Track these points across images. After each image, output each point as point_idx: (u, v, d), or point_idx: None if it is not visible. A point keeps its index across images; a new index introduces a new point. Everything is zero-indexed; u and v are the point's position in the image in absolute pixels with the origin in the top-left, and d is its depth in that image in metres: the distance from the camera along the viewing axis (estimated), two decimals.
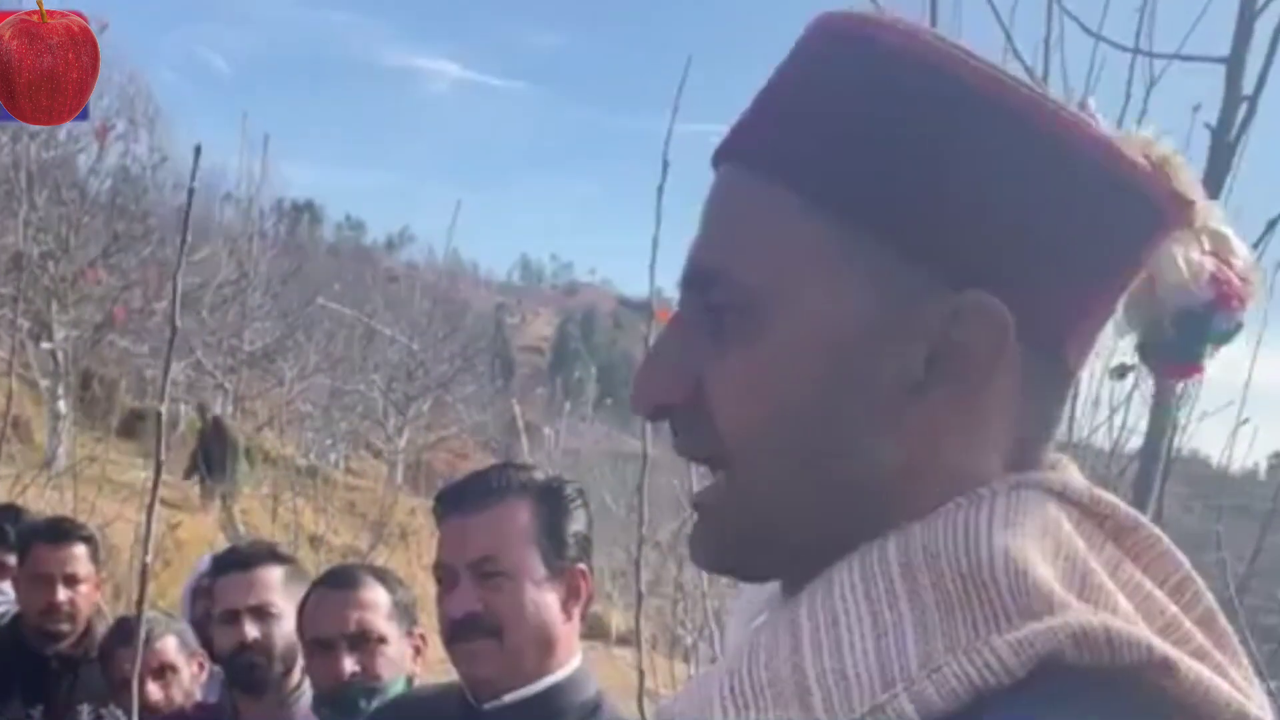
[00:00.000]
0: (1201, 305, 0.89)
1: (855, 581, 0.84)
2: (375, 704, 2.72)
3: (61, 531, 4.11)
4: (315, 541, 16.31)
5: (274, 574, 3.29)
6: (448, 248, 47.03)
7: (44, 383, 19.05)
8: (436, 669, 2.98)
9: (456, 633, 2.24)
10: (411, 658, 2.97)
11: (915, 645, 0.81)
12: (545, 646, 2.27)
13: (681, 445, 0.94)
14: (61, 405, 18.51)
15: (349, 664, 2.82)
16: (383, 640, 2.87)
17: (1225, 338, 0.91)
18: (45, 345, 19.10)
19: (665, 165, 3.43)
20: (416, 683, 2.92)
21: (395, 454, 28.73)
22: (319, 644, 2.89)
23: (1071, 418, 4.73)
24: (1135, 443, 3.78)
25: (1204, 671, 0.80)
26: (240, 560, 3.33)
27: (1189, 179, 0.90)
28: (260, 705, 3.27)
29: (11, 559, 4.25)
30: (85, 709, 3.93)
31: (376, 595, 2.92)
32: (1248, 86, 2.60)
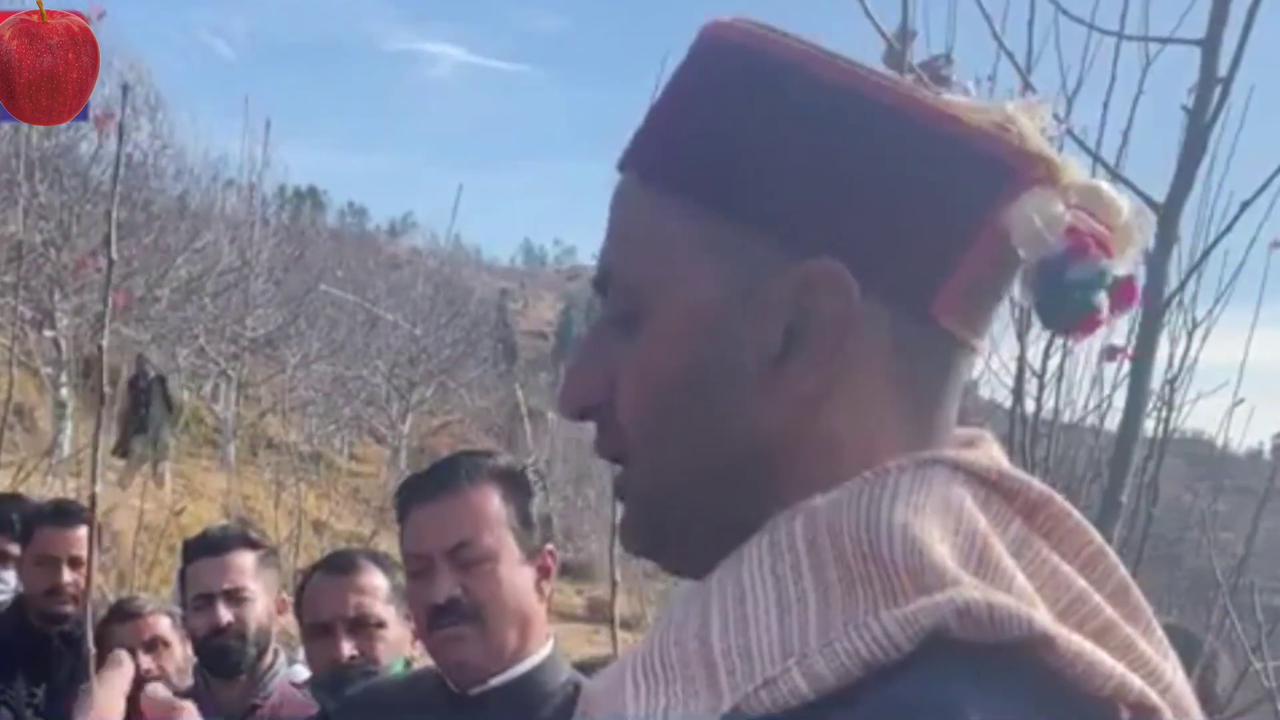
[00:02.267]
0: (1056, 256, 0.89)
1: (763, 557, 0.86)
2: (361, 685, 2.72)
3: (66, 514, 4.13)
4: (319, 527, 16.36)
5: (247, 558, 3.32)
6: (450, 233, 47.04)
7: (46, 371, 19.08)
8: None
9: (437, 619, 2.25)
10: (410, 642, 2.99)
11: (816, 621, 0.83)
12: (524, 628, 2.29)
13: (597, 444, 0.98)
14: (64, 393, 18.55)
15: (347, 648, 2.84)
16: (381, 624, 2.89)
17: (1089, 286, 0.89)
18: (48, 333, 19.11)
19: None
20: (415, 666, 2.94)
21: (398, 440, 28.75)
22: (318, 628, 2.91)
23: (1059, 399, 4.75)
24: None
25: (1085, 645, 0.81)
26: (213, 544, 3.35)
27: (1037, 136, 0.90)
28: (233, 687, 3.30)
29: (12, 547, 4.26)
30: (88, 688, 3.96)
31: (375, 580, 2.94)
32: (1224, 69, 2.61)
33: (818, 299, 0.88)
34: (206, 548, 3.34)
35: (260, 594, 3.31)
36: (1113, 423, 4.78)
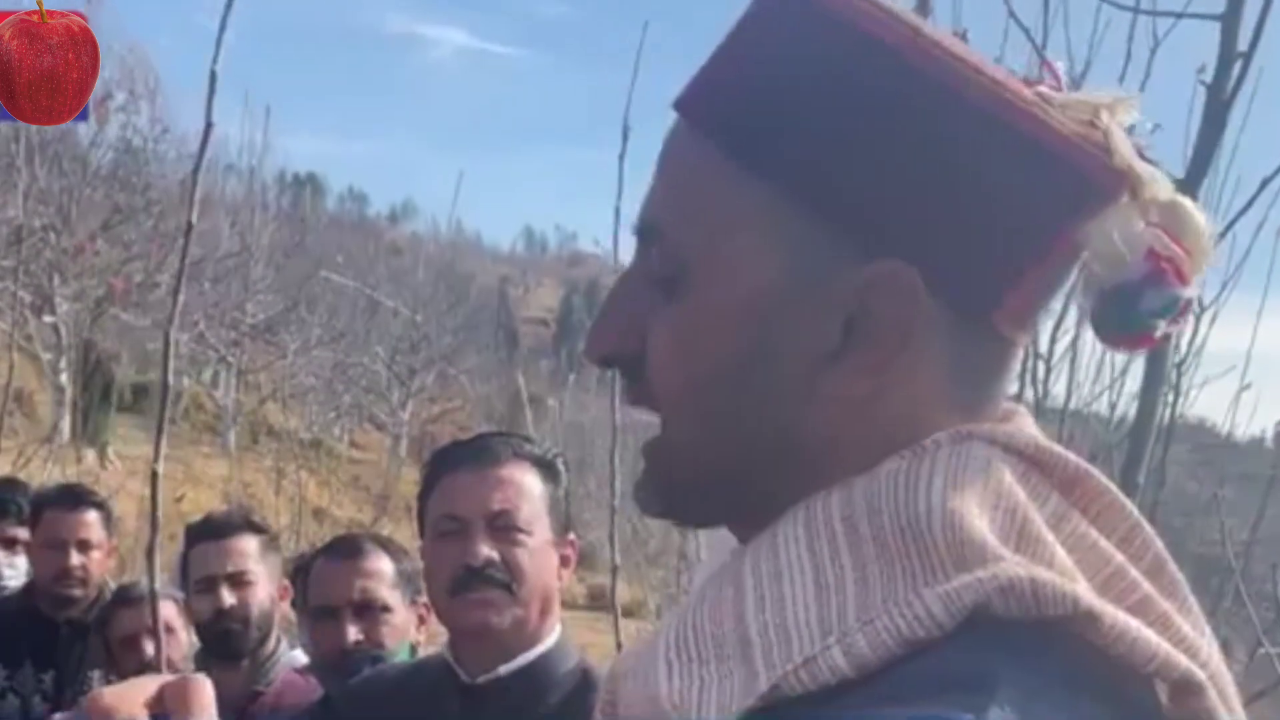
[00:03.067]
0: (1134, 280, 0.88)
1: (799, 534, 0.85)
2: (366, 671, 2.71)
3: (75, 497, 4.13)
4: (319, 515, 16.38)
5: (250, 543, 3.32)
6: (451, 219, 47.03)
7: (46, 356, 19.07)
8: (440, 641, 2.98)
9: (468, 582, 2.23)
10: (416, 626, 2.98)
11: (855, 599, 0.81)
12: (545, 608, 2.29)
13: (627, 393, 0.97)
14: (64, 379, 18.54)
15: (353, 632, 2.83)
16: (387, 609, 2.88)
17: (1160, 313, 0.89)
18: (47, 318, 19.10)
19: (625, 131, 3.40)
20: (420, 652, 2.92)
21: (399, 427, 28.78)
22: (323, 612, 2.90)
23: (1070, 384, 4.74)
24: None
25: (1130, 623, 0.80)
26: (216, 529, 3.34)
27: (1128, 150, 0.87)
28: (236, 673, 3.29)
29: (23, 533, 4.25)
30: (96, 675, 3.96)
31: (381, 564, 2.93)
32: (1244, 44, 2.59)
33: (884, 301, 0.85)
34: (209, 532, 3.34)
35: (263, 578, 3.30)
36: (1121, 408, 4.77)
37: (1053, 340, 4.43)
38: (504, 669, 2.26)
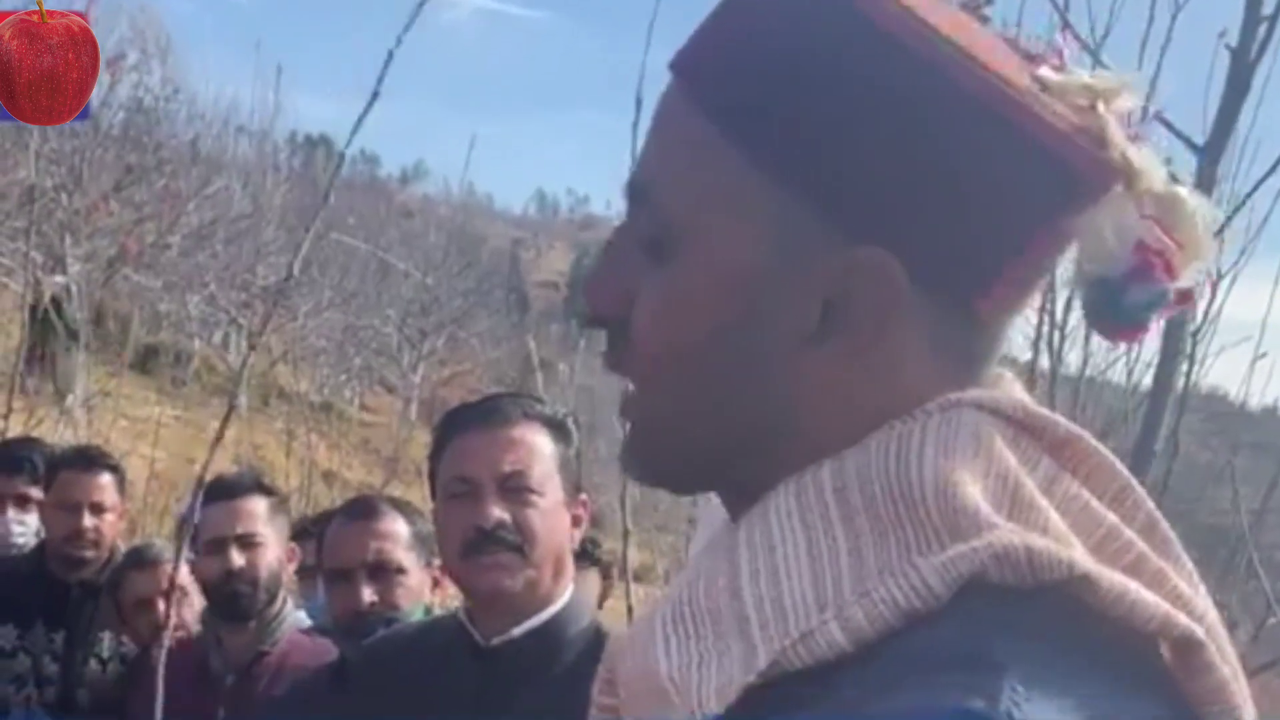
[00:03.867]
0: (1119, 274, 0.88)
1: (791, 507, 0.85)
2: (380, 632, 2.71)
3: (89, 459, 4.14)
4: (329, 478, 16.40)
5: (259, 504, 3.33)
6: (463, 181, 46.91)
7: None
8: (455, 603, 2.98)
9: (479, 544, 2.23)
10: (430, 589, 2.98)
11: (849, 570, 0.82)
12: (558, 570, 2.29)
13: (606, 358, 0.96)
14: None
15: (368, 593, 2.84)
16: (401, 570, 2.88)
17: (1145, 308, 0.89)
18: (59, 279, 19.09)
19: (639, 101, 3.39)
20: (435, 613, 2.93)
21: (410, 390, 28.80)
22: (338, 573, 2.90)
23: (1085, 353, 4.73)
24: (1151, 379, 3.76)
25: (1129, 584, 0.80)
26: (226, 489, 3.36)
27: (1122, 140, 0.86)
28: (243, 633, 3.30)
29: (35, 491, 4.26)
30: (106, 636, 3.97)
31: (396, 526, 2.93)
32: (1269, 7, 2.57)
33: (863, 287, 0.85)
34: (220, 493, 3.34)
35: (272, 540, 3.31)
36: (1136, 376, 4.76)
37: (1067, 309, 4.42)
38: (517, 630, 2.26)
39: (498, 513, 2.22)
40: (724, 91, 0.88)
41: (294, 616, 3.41)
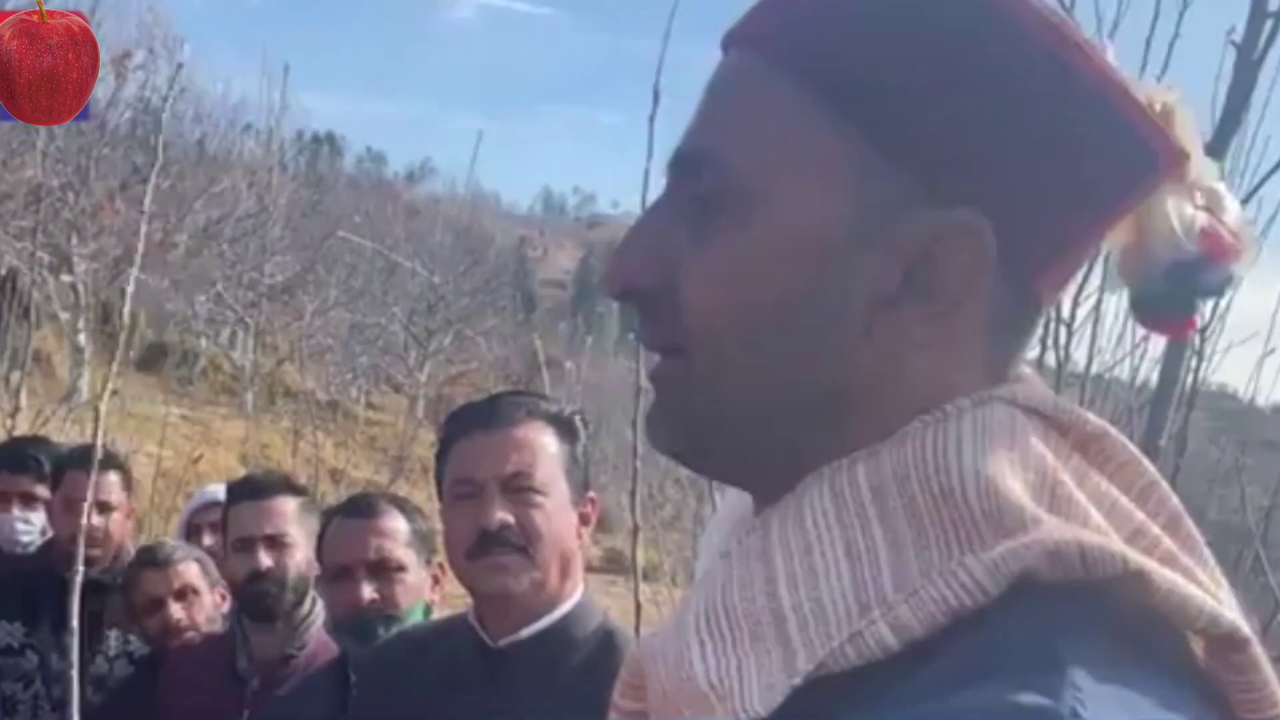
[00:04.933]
0: (1192, 259, 0.88)
1: (826, 506, 0.84)
2: (392, 633, 2.71)
3: (95, 458, 4.13)
4: (336, 476, 16.40)
5: (289, 504, 3.32)
6: (469, 180, 46.95)
7: (64, 316, 19.11)
8: (455, 602, 2.98)
9: (484, 546, 2.23)
10: (430, 587, 2.98)
11: (890, 570, 0.80)
12: (565, 569, 2.28)
13: (645, 332, 0.93)
14: (82, 339, 18.58)
15: (368, 591, 2.83)
16: (401, 568, 2.87)
17: (1215, 291, 0.91)
18: (65, 278, 19.13)
19: (656, 95, 3.38)
20: (435, 613, 2.92)
21: (416, 388, 28.80)
22: (338, 571, 2.89)
23: (1091, 349, 4.71)
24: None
25: (1177, 580, 0.79)
26: (256, 489, 3.34)
27: (1190, 132, 0.88)
28: (270, 634, 3.29)
29: (41, 489, 4.26)
30: (113, 634, 3.97)
31: (396, 523, 2.92)
32: (1275, 3, 2.56)
33: (952, 250, 0.84)
34: (249, 491, 3.34)
35: (301, 541, 3.29)
36: (1144, 373, 4.75)
37: (1075, 305, 4.41)
38: (526, 632, 2.25)
39: (501, 514, 2.22)
40: (811, 52, 0.86)
41: (322, 618, 3.40)
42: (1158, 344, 3.80)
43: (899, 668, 0.77)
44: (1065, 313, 4.34)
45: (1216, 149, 2.53)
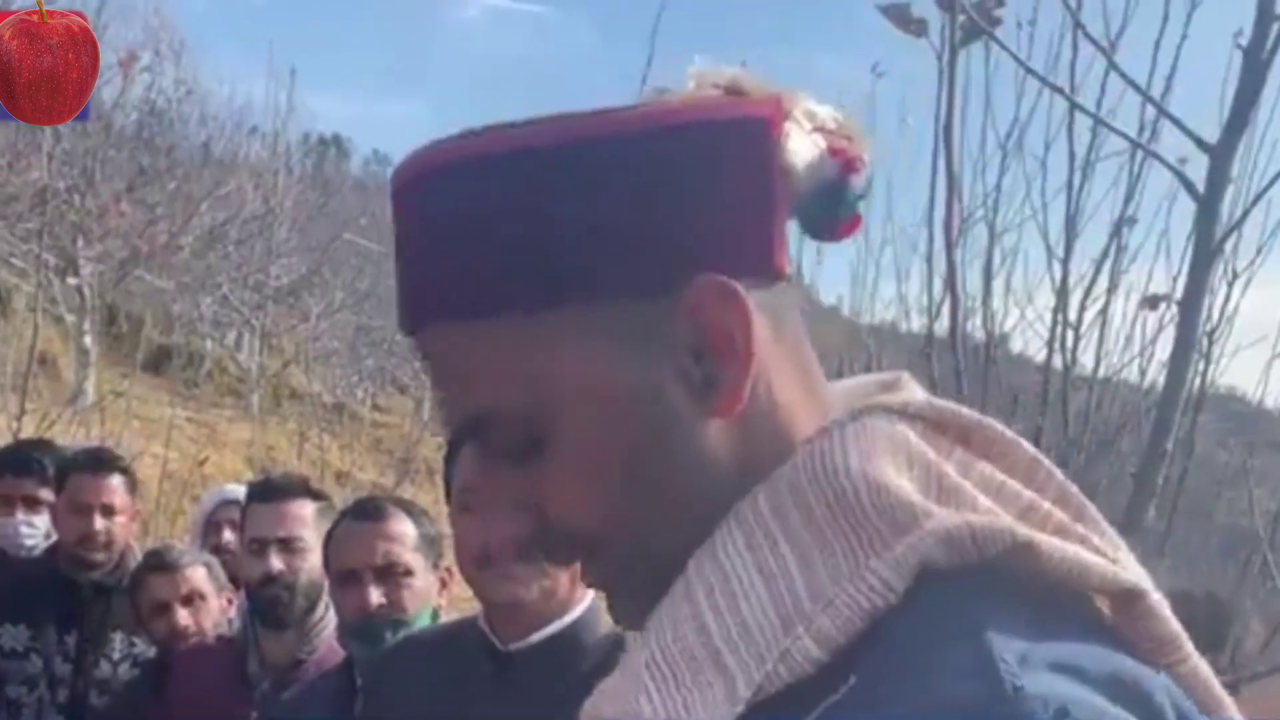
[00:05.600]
0: (834, 175, 0.95)
1: (735, 535, 0.89)
2: (401, 636, 2.70)
3: (100, 462, 4.13)
4: (341, 478, 16.40)
5: (305, 508, 3.30)
6: None
7: (70, 318, 19.10)
8: (462, 605, 2.97)
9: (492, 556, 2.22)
10: (438, 591, 2.97)
11: (803, 581, 0.86)
12: (574, 575, 2.27)
13: (555, 558, 1.00)
14: (88, 341, 18.57)
15: (375, 596, 2.82)
16: (409, 573, 2.86)
17: (863, 195, 0.97)
18: (71, 280, 19.12)
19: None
20: (442, 617, 2.91)
21: (422, 390, 28.78)
22: (345, 575, 2.88)
23: (1099, 352, 4.70)
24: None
25: (1067, 547, 0.86)
26: (272, 491, 3.34)
27: (761, 81, 0.95)
28: (281, 638, 3.28)
29: (44, 492, 4.26)
30: (118, 637, 3.97)
31: (403, 527, 2.91)
32: None
33: (713, 313, 0.90)
34: (266, 493, 3.34)
35: (315, 545, 3.27)
36: (1151, 376, 4.73)
37: (1082, 308, 4.40)
38: (536, 637, 2.25)
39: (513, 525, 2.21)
40: (479, 288, 0.91)
41: (334, 624, 3.38)
42: (1166, 346, 3.80)
43: (831, 679, 0.82)
44: (1072, 316, 4.33)
45: (1223, 151, 2.52)
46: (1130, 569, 0.90)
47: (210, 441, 17.12)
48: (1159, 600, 0.88)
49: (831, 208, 0.96)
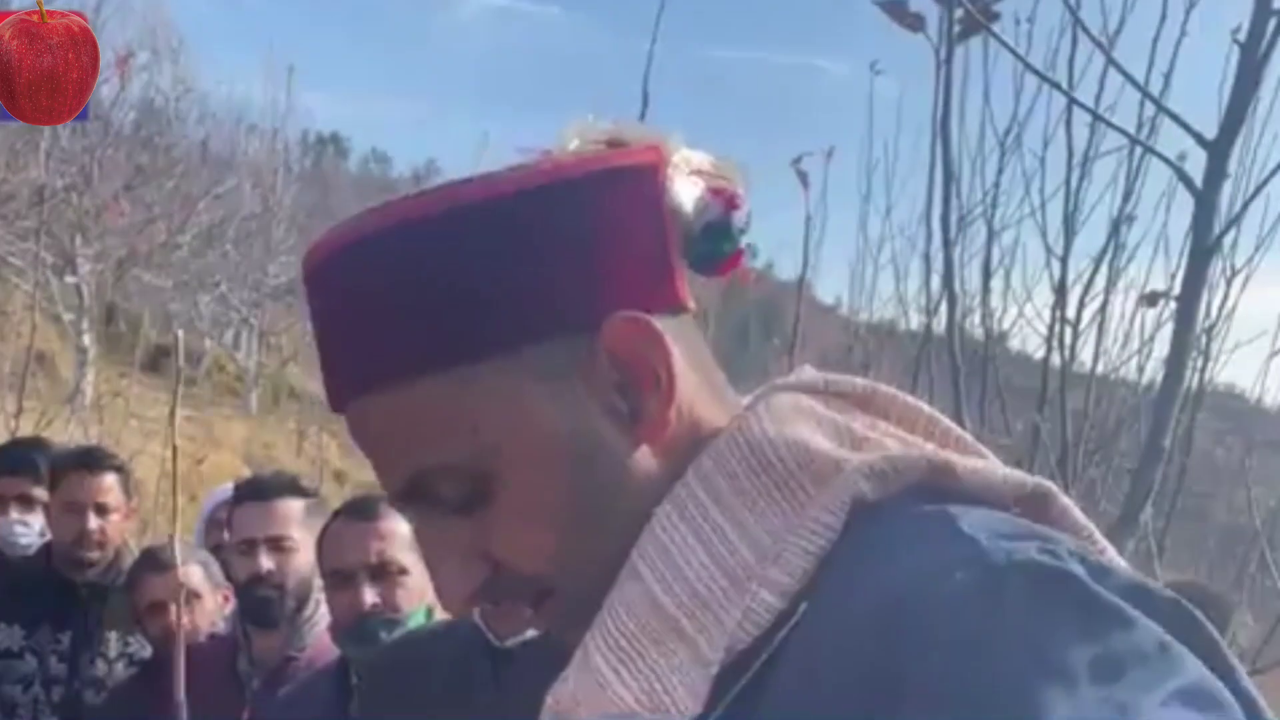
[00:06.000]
0: (720, 213, 1.01)
1: (669, 512, 0.94)
2: (396, 635, 2.69)
3: (94, 460, 4.11)
4: (340, 477, 16.42)
5: (294, 507, 3.28)
6: None
7: (68, 317, 19.11)
8: None
9: None
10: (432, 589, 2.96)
11: (739, 540, 0.92)
12: None
13: (510, 607, 1.05)
14: (86, 340, 18.59)
15: (369, 595, 2.80)
16: (404, 571, 2.84)
17: (745, 230, 1.03)
18: (69, 279, 19.13)
19: (645, 97, 3.36)
20: (436, 614, 2.90)
21: None
22: (339, 575, 2.87)
23: (1096, 349, 4.69)
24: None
25: (978, 463, 0.95)
26: (261, 490, 3.32)
27: (640, 131, 1.02)
28: (271, 637, 3.27)
29: (38, 491, 4.25)
30: (113, 636, 3.95)
31: (397, 526, 2.89)
32: (1279, 2, 2.55)
33: (632, 348, 0.95)
34: (254, 492, 3.32)
35: (305, 543, 3.25)
36: (1150, 373, 4.73)
37: (1080, 305, 4.39)
38: (531, 632, 2.23)
39: None
40: (404, 354, 0.94)
41: (325, 621, 3.37)
42: (1164, 344, 3.78)
43: (785, 618, 0.89)
44: (1071, 314, 4.32)
45: (1221, 147, 2.51)
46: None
47: (208, 440, 17.13)
48: (1068, 501, 0.96)
49: (718, 244, 1.02)
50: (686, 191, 1.00)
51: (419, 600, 2.86)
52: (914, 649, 0.79)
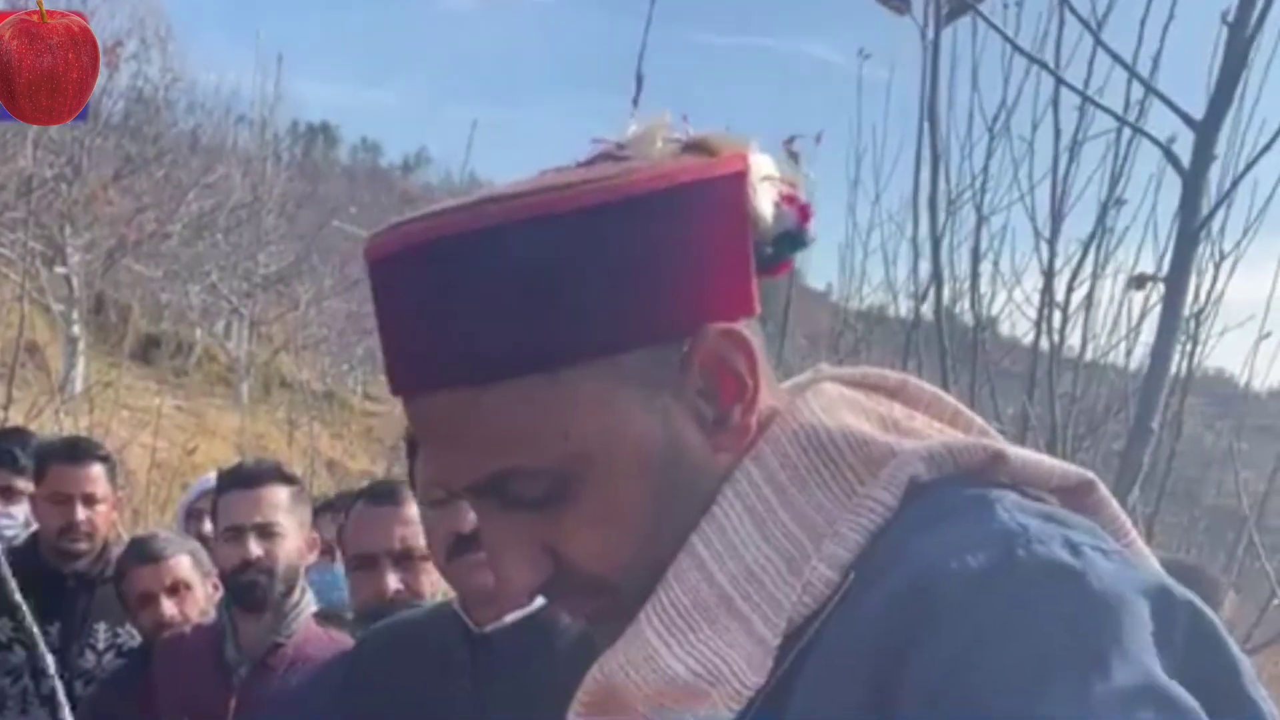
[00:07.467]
0: (795, 221, 1.04)
1: (727, 495, 0.98)
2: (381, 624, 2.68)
3: (80, 451, 4.10)
4: (333, 467, 16.42)
5: (280, 493, 3.28)
6: (465, 169, 46.92)
7: (57, 307, 19.07)
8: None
9: (460, 547, 2.21)
10: None
11: (794, 522, 0.96)
12: None
13: (567, 605, 1.08)
14: (75, 330, 18.55)
15: (393, 581, 2.79)
16: (426, 557, 2.84)
17: (812, 238, 1.07)
18: (59, 269, 19.08)
19: (639, 80, 3.34)
20: None
21: None
22: (362, 560, 2.86)
23: (1085, 333, 4.69)
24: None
25: (1028, 453, 1.00)
26: (246, 477, 3.31)
27: (727, 139, 1.03)
28: (259, 623, 3.26)
29: (21, 482, 4.24)
30: (101, 627, 3.95)
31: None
32: None
33: (723, 358, 0.98)
34: (239, 480, 3.30)
35: (292, 530, 3.26)
36: (1139, 356, 4.72)
37: (1069, 290, 4.39)
38: (510, 618, 2.23)
39: (473, 517, 2.19)
40: (505, 351, 0.94)
41: (311, 607, 3.37)
42: (1152, 328, 3.78)
43: (837, 588, 0.93)
44: (1059, 297, 4.32)
45: (1208, 127, 2.50)
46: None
47: (200, 430, 17.10)
48: (1106, 491, 1.01)
49: (790, 252, 1.06)
50: (766, 200, 1.02)
51: (440, 586, 2.86)
52: (922, 621, 0.84)
